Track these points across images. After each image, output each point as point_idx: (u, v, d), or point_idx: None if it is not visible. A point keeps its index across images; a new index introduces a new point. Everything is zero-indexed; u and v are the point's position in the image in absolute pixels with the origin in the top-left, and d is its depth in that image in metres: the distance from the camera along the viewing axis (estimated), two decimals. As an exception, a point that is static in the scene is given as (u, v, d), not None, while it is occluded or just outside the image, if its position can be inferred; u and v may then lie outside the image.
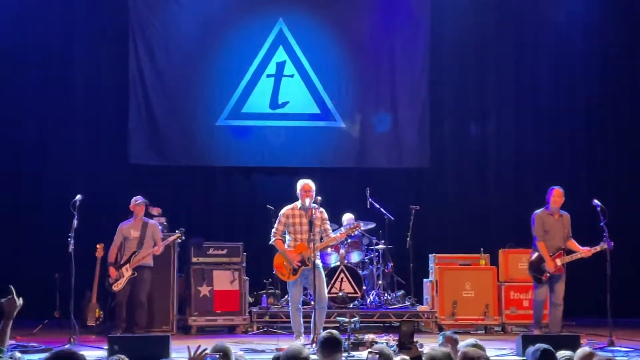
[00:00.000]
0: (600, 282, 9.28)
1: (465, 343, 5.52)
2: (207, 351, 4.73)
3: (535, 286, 9.60)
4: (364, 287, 10.91)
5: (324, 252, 10.64)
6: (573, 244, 9.49)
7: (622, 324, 10.32)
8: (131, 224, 9.84)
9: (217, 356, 4.68)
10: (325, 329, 8.00)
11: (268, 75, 12.82)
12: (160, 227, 10.00)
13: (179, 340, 9.26)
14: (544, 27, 13.10)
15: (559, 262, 9.32)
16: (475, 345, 5.31)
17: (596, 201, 9.25)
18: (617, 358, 7.62)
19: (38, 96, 12.35)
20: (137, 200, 9.87)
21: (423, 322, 10.90)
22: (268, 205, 10.74)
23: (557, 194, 9.52)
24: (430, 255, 11.28)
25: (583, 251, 9.36)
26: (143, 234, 9.72)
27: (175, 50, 12.62)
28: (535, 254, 9.52)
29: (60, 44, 12.41)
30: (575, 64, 13.11)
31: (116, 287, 9.62)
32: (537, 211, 9.61)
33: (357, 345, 8.35)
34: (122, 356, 4.91)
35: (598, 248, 9.25)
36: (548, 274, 9.35)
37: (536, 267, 9.48)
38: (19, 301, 4.81)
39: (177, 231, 10.07)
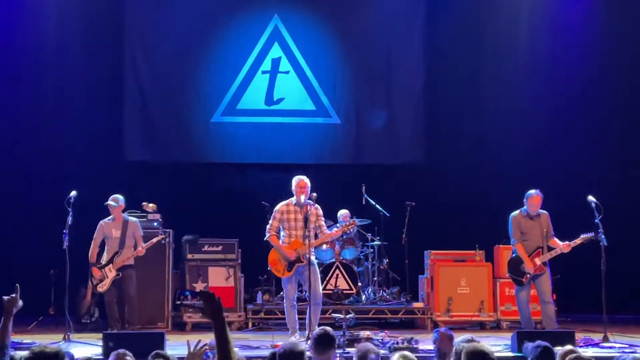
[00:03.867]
0: (595, 278, 9.27)
1: (461, 339, 5.52)
2: (207, 346, 4.74)
3: (517, 289, 9.35)
4: (360, 284, 10.91)
5: (319, 249, 10.64)
6: (555, 242, 9.21)
7: (617, 320, 10.34)
8: (112, 223, 9.68)
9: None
10: (320, 325, 8.00)
11: (263, 72, 12.81)
12: (139, 225, 9.87)
13: (174, 336, 9.27)
14: (540, 22, 13.09)
15: (538, 261, 9.08)
16: (470, 341, 5.31)
17: (591, 197, 9.21)
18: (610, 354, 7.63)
19: (33, 92, 12.34)
20: (113, 200, 9.73)
21: (418, 319, 10.92)
22: (263, 202, 10.74)
23: (535, 200, 9.23)
24: (425, 252, 11.29)
25: (562, 246, 9.11)
26: (124, 233, 9.60)
27: (171, 47, 12.61)
28: (514, 255, 9.35)
29: (55, 40, 12.37)
30: (571, 61, 13.09)
31: (101, 289, 9.48)
32: (514, 213, 9.40)
33: (352, 342, 8.33)
34: (126, 351, 4.91)
35: (578, 241, 9.02)
36: (528, 275, 9.11)
37: (515, 269, 9.25)
38: (20, 302, 4.95)
39: (160, 233, 9.96)
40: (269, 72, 12.83)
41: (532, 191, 9.30)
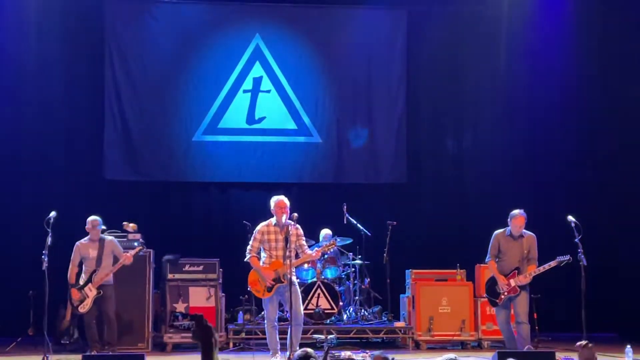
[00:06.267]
0: (575, 297, 9.29)
1: (442, 359, 5.51)
2: None
3: (496, 310, 9.32)
4: (341, 303, 10.89)
5: (301, 268, 10.63)
6: (532, 268, 9.09)
7: (597, 339, 10.35)
8: (89, 243, 9.59)
9: None
10: (301, 345, 7.99)
11: (245, 91, 12.82)
12: (117, 242, 9.80)
13: (154, 358, 9.21)
14: (519, 40, 13.18)
15: (512, 282, 9.04)
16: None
17: (571, 217, 9.23)
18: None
19: (12, 112, 12.26)
20: (93, 223, 9.62)
21: (400, 338, 10.91)
22: (245, 221, 10.69)
23: (518, 221, 9.14)
24: (407, 271, 11.29)
25: (537, 270, 9.02)
26: (100, 253, 9.52)
27: (152, 66, 12.60)
28: (490, 275, 9.35)
29: (35, 59, 12.32)
30: (551, 79, 13.19)
31: (83, 309, 9.38)
32: (498, 231, 9.34)
33: (334, 363, 8.33)
34: None
35: (553, 264, 8.97)
36: (503, 296, 9.09)
37: (491, 290, 9.24)
38: None
39: (136, 244, 9.91)
40: (251, 91, 12.84)
41: (516, 211, 9.21)
